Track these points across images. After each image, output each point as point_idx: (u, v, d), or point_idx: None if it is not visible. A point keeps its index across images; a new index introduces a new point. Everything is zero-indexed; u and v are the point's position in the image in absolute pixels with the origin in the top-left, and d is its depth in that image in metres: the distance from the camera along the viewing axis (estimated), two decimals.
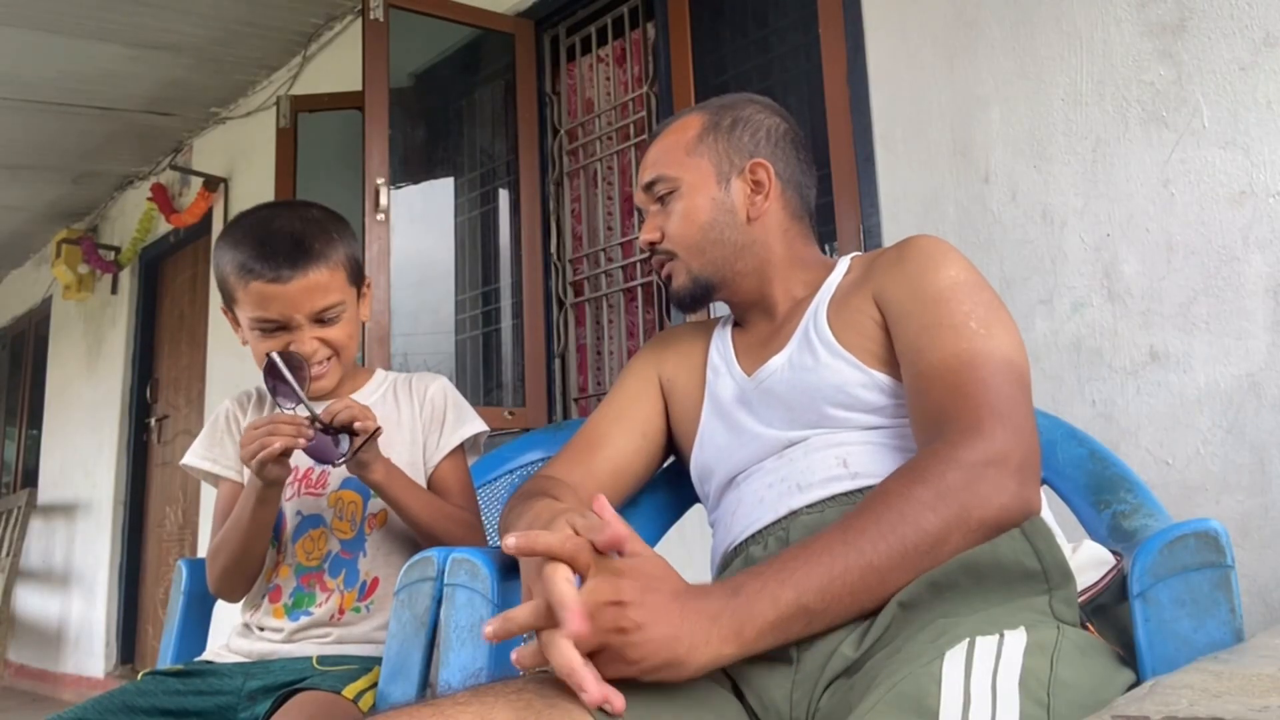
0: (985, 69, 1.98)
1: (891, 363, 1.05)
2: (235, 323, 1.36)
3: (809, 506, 1.02)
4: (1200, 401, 1.64)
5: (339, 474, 1.35)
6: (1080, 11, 1.84)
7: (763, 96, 1.28)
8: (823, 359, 1.08)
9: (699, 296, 1.21)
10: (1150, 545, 0.86)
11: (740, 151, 1.20)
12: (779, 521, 1.03)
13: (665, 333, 1.35)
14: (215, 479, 1.41)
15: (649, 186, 1.23)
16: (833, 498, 1.01)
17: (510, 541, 0.81)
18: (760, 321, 1.22)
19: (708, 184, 1.20)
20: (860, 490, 1.00)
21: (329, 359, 1.32)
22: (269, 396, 1.30)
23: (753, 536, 1.05)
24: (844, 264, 1.20)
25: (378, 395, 1.43)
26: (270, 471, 1.21)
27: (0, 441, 7.25)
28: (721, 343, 1.24)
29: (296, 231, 1.28)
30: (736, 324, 1.26)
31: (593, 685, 0.76)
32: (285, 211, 1.34)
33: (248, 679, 1.29)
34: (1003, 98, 1.95)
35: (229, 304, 1.35)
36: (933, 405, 0.98)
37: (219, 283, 1.33)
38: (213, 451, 1.40)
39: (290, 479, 1.33)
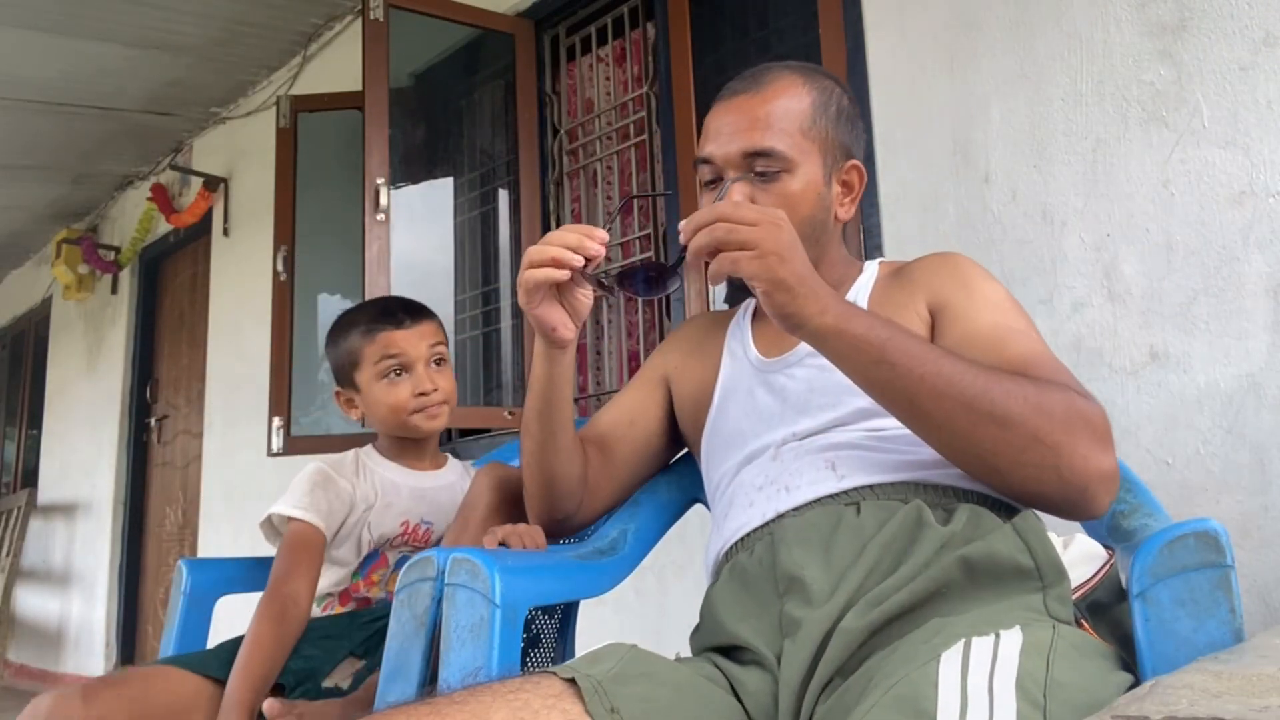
0: (985, 69, 1.98)
1: None
2: (349, 403, 1.55)
3: (794, 509, 1.02)
4: (1200, 401, 1.63)
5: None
6: (1080, 11, 1.84)
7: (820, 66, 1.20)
8: None
9: None
10: (1150, 545, 0.86)
11: (843, 149, 1.16)
12: (765, 525, 1.03)
13: (682, 326, 1.36)
14: (285, 524, 1.47)
15: (754, 155, 1.09)
16: (819, 499, 1.01)
17: None
18: None
19: (817, 175, 1.13)
20: (846, 491, 1.00)
21: (444, 403, 1.52)
22: (358, 462, 1.53)
23: (741, 541, 1.06)
24: (873, 267, 1.20)
25: (454, 476, 1.58)
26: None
27: (0, 441, 7.25)
28: (740, 331, 1.24)
29: (404, 299, 1.60)
30: (757, 311, 1.25)
31: None
32: (384, 296, 1.62)
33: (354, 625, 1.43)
34: (1003, 98, 1.95)
35: (351, 373, 1.53)
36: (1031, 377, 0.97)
37: (343, 364, 1.54)
38: (303, 500, 1.47)
39: (400, 535, 1.51)
